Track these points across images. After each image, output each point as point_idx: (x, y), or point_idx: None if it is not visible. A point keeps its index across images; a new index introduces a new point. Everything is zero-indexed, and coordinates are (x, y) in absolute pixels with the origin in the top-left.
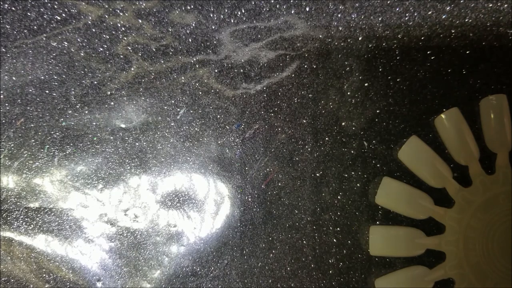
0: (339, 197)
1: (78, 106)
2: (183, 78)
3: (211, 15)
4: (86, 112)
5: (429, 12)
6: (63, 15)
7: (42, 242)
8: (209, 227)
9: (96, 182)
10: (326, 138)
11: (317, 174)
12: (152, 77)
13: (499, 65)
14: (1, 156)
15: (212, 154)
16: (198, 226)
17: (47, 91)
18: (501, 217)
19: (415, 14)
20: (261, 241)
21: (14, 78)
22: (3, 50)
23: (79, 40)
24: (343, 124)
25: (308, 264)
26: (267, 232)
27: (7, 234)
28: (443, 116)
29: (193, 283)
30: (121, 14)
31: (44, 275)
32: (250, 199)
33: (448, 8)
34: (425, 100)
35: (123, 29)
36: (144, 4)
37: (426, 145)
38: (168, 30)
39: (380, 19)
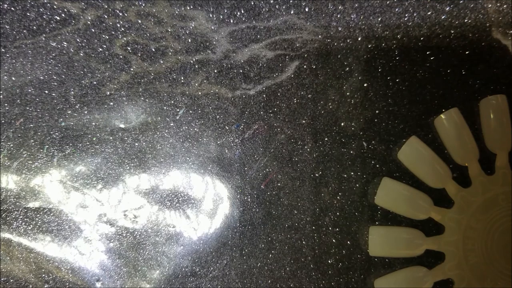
0: (338, 197)
1: (77, 106)
2: (182, 78)
3: (211, 15)
4: (86, 112)
5: (429, 13)
6: (63, 15)
7: (41, 242)
8: (208, 227)
9: (96, 182)
10: (326, 139)
11: (317, 175)
12: (152, 77)
13: (498, 66)
14: (0, 156)
15: (212, 154)
16: (197, 227)
17: (46, 91)
18: (500, 217)
19: (415, 15)
20: (261, 241)
21: (13, 78)
22: (3, 50)
23: (78, 40)
24: (342, 124)
25: (308, 264)
26: (266, 233)
27: (6, 234)
28: (442, 116)
29: (192, 283)
30: (120, 14)
31: (43, 275)
32: (249, 200)
33: (447, 9)
34: (425, 100)
35: (123, 29)
36: (143, 4)
37: (426, 146)
38: (167, 31)
39: (379, 19)
